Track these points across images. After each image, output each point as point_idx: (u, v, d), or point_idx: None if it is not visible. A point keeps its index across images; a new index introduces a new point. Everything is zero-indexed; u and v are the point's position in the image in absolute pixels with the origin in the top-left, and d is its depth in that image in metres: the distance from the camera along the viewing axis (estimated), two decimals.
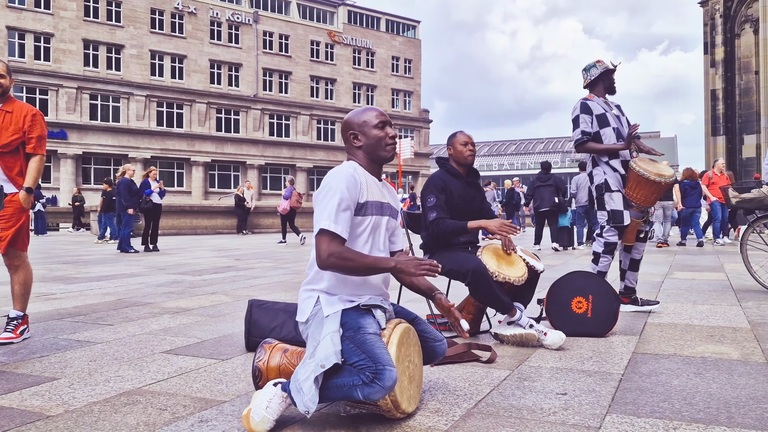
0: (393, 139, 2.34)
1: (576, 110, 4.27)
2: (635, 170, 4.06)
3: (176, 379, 2.69)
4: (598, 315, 3.55)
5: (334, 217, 2.14)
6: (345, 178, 2.19)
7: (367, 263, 2.14)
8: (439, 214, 3.45)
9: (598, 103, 4.27)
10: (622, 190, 4.19)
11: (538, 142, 74.14)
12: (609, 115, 4.24)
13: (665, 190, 4.21)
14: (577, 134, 4.22)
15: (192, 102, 38.67)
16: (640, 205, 4.18)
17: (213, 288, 6.02)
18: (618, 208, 4.17)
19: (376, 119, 2.33)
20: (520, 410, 2.23)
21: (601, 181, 4.24)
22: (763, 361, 2.91)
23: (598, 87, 4.35)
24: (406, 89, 48.90)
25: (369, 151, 2.33)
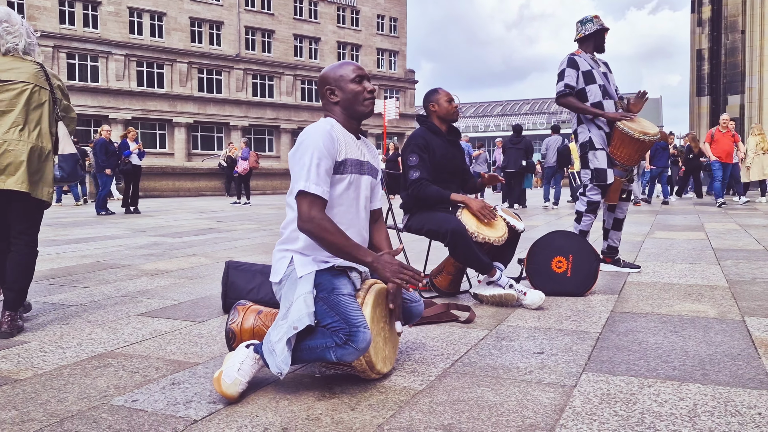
0: (371, 94, 2.26)
1: (563, 64, 4.20)
2: (620, 128, 4.01)
3: (150, 342, 2.65)
4: (577, 274, 3.54)
5: (314, 177, 2.07)
6: (321, 136, 2.11)
7: (344, 245, 2.06)
8: (422, 174, 3.39)
9: (586, 59, 4.20)
10: (606, 149, 4.15)
11: (524, 103, 73.80)
12: (596, 72, 4.18)
13: (649, 149, 4.18)
14: (560, 87, 4.16)
15: (173, 61, 37.81)
16: (623, 164, 4.15)
17: (193, 250, 5.96)
18: (602, 166, 4.14)
19: (353, 73, 2.24)
20: (497, 369, 2.22)
21: (585, 139, 4.20)
22: (739, 318, 2.93)
23: (588, 43, 4.27)
24: (391, 49, 48.15)
25: (346, 107, 2.25)
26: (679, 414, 1.77)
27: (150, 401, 1.93)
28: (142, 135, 35.31)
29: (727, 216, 9.30)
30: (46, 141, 2.90)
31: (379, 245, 2.40)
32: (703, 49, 25.48)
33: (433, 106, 3.54)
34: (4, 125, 2.76)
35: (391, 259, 2.10)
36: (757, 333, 2.66)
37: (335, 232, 2.05)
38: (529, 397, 1.93)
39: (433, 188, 3.38)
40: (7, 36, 2.87)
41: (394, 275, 2.07)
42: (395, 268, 2.08)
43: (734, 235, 6.64)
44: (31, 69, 2.89)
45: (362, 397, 1.94)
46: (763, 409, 1.80)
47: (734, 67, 23.33)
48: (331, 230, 2.04)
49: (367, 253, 2.10)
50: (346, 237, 2.08)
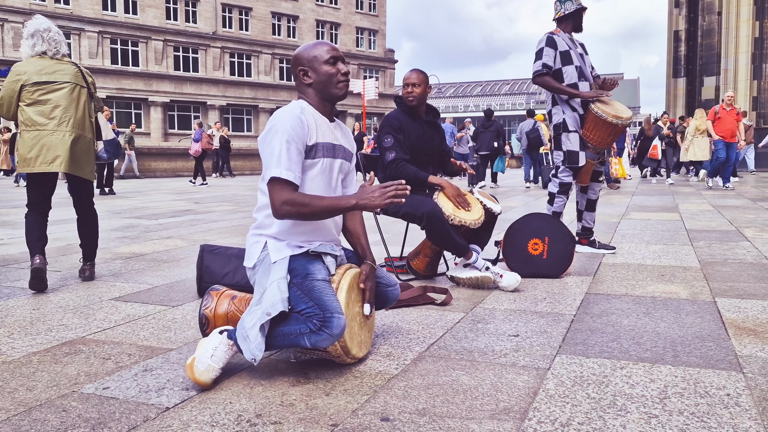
0: (345, 76, 2.21)
1: (541, 43, 4.18)
2: (593, 111, 4.02)
3: (123, 327, 2.62)
4: (553, 256, 3.57)
5: (285, 162, 2.03)
6: (289, 120, 2.07)
7: (324, 206, 2.04)
8: (398, 154, 3.37)
9: (564, 39, 4.18)
10: (580, 131, 4.16)
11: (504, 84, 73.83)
12: (573, 53, 4.17)
13: (622, 132, 4.20)
14: (538, 66, 4.14)
15: (148, 39, 37.04)
16: (596, 147, 4.17)
17: (169, 232, 5.89)
18: (574, 149, 4.15)
19: (327, 54, 2.19)
20: (472, 353, 2.23)
21: (559, 121, 4.20)
22: (710, 299, 2.98)
23: (567, 22, 4.26)
24: (370, 28, 47.69)
25: (320, 89, 2.20)
26: (650, 396, 1.79)
27: (121, 389, 1.90)
28: (117, 114, 34.66)
29: (700, 197, 9.43)
30: (89, 131, 3.52)
31: (355, 230, 2.36)
32: (680, 30, 25.65)
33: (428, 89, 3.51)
34: (55, 120, 3.35)
35: (370, 188, 2.05)
36: (727, 314, 2.70)
37: (310, 201, 2.02)
38: (504, 380, 1.94)
39: (411, 168, 3.36)
40: (53, 42, 3.43)
41: (382, 200, 2.01)
42: (379, 193, 2.02)
43: (707, 215, 6.74)
44: (71, 70, 3.47)
45: (337, 382, 1.94)
46: (731, 390, 1.83)
47: (710, 49, 23.55)
48: (306, 201, 2.02)
49: (349, 198, 2.07)
50: (321, 198, 2.06)
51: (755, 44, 19.85)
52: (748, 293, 3.10)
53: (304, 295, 1.95)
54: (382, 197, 2.01)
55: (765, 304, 2.88)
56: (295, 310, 1.95)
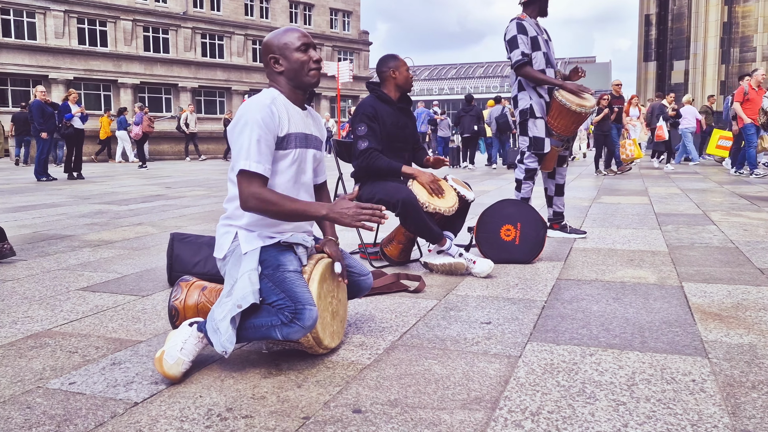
0: (317, 64, 2.17)
1: (512, 30, 4.16)
2: (557, 99, 4.04)
3: (91, 319, 2.57)
4: (525, 242, 3.59)
5: (255, 155, 1.99)
6: (260, 110, 2.02)
7: (293, 208, 2.00)
8: (371, 143, 3.34)
9: (531, 24, 4.18)
10: (545, 117, 4.18)
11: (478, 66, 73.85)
12: (540, 39, 4.17)
13: (585, 120, 4.23)
14: (518, 55, 4.11)
15: (116, 19, 36.10)
16: (560, 134, 4.20)
17: (139, 219, 5.79)
18: (539, 135, 4.18)
19: (299, 41, 2.15)
20: (444, 341, 2.23)
21: (525, 107, 4.21)
22: (678, 284, 3.03)
23: (533, 7, 4.24)
24: (345, 9, 47.17)
25: (291, 77, 2.16)
26: (618, 383, 1.82)
27: (88, 383, 1.87)
28: (86, 96, 33.87)
29: (670, 180, 9.59)
30: None
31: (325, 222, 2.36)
32: (651, 14, 25.86)
33: (393, 72, 3.46)
34: None
35: (346, 203, 2.02)
36: (693, 299, 2.76)
37: (279, 200, 1.99)
38: (475, 368, 1.96)
39: (384, 160, 3.34)
40: None
41: (354, 219, 1.99)
42: (353, 211, 1.99)
43: (676, 199, 6.86)
44: None
45: (309, 374, 1.93)
46: (696, 376, 1.87)
47: (680, 33, 23.81)
48: (275, 200, 1.98)
49: (320, 207, 2.03)
50: (292, 200, 2.02)
51: (723, 29, 20.13)
52: (714, 278, 3.16)
53: (275, 286, 1.93)
54: (354, 218, 1.99)
55: (730, 288, 2.94)
56: (267, 302, 1.93)
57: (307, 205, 2.03)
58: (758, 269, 3.33)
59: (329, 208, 2.03)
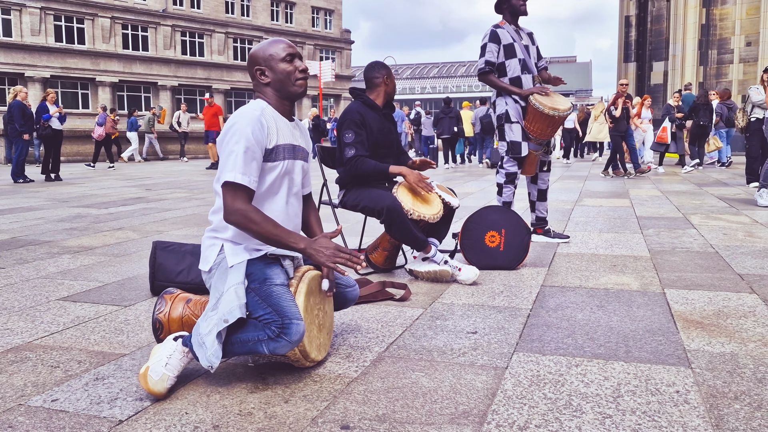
0: (303, 73, 2.17)
1: (485, 38, 4.20)
2: (532, 103, 4.08)
3: (72, 331, 2.53)
4: (510, 248, 3.61)
5: (241, 166, 1.97)
6: (249, 122, 2.01)
7: (273, 234, 1.98)
8: (358, 151, 3.33)
9: (509, 31, 4.20)
10: (522, 122, 4.21)
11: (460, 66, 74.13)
12: (517, 46, 4.18)
13: (561, 124, 4.26)
14: (481, 63, 4.19)
15: (94, 16, 35.62)
16: (537, 138, 4.23)
17: (120, 223, 5.72)
18: (517, 139, 4.21)
19: (284, 52, 2.14)
20: (431, 352, 2.24)
21: (502, 111, 4.25)
22: (660, 291, 3.07)
23: (504, 12, 4.27)
24: (326, 7, 47.03)
25: (278, 88, 2.15)
26: (604, 395, 1.84)
27: (71, 400, 1.84)
28: (63, 94, 33.40)
29: (650, 182, 9.71)
30: None
31: (313, 228, 2.36)
32: (630, 15, 26.15)
33: (386, 80, 3.47)
34: None
35: (326, 242, 2.05)
36: (675, 306, 2.79)
37: (262, 221, 1.98)
38: (463, 381, 1.96)
39: (371, 163, 3.33)
40: None
41: (329, 260, 2.02)
42: (330, 252, 2.02)
43: (656, 202, 6.94)
44: None
45: (296, 388, 1.92)
46: (680, 387, 1.89)
47: (659, 34, 24.10)
48: (258, 220, 1.97)
49: (299, 239, 2.04)
50: (275, 224, 2.01)
51: (702, 31, 20.41)
52: (695, 284, 3.21)
53: (261, 300, 1.92)
54: (330, 259, 2.00)
55: (711, 295, 2.98)
56: (253, 316, 1.91)
57: (287, 234, 2.01)
58: (738, 275, 3.38)
59: (308, 242, 2.03)
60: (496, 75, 4.18)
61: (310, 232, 2.33)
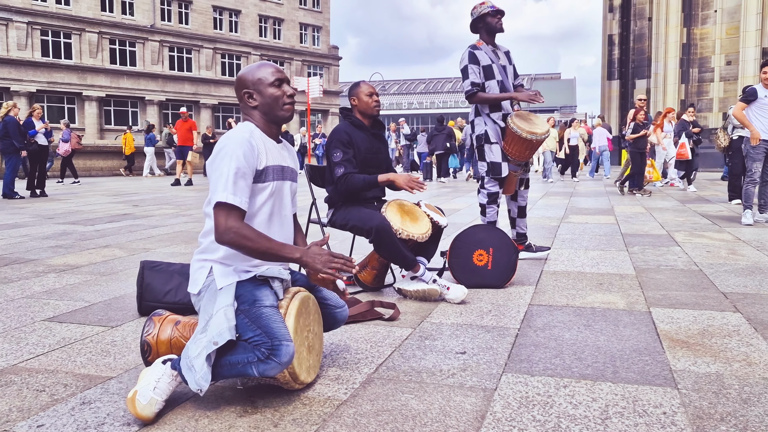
0: (291, 98, 2.19)
1: (464, 60, 4.23)
2: (510, 126, 4.13)
3: (58, 353, 2.50)
4: (497, 267, 3.63)
5: (232, 187, 1.98)
6: (240, 144, 2.03)
7: (268, 248, 1.99)
8: (347, 169, 3.35)
9: (486, 52, 4.24)
10: (501, 143, 4.25)
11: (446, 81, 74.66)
12: (495, 67, 4.23)
13: (538, 147, 4.31)
14: (467, 86, 4.21)
15: (81, 31, 35.53)
16: (515, 160, 4.27)
17: (106, 240, 5.67)
18: (496, 160, 4.25)
19: (272, 76, 2.16)
20: (420, 373, 2.24)
21: (481, 132, 4.30)
22: (646, 310, 3.10)
23: (480, 31, 4.32)
24: (314, 24, 47.31)
25: (265, 111, 2.17)
26: (592, 417, 1.85)
27: (57, 425, 1.82)
28: (49, 109, 33.14)
29: (634, 198, 9.81)
30: None
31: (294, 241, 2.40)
32: (613, 34, 26.56)
33: (353, 100, 3.51)
34: None
35: (319, 250, 2.05)
36: (661, 325, 2.82)
37: (255, 237, 1.98)
38: (452, 403, 1.96)
39: (359, 177, 3.36)
40: None
41: (325, 266, 2.03)
42: (325, 258, 2.03)
43: (641, 219, 7.01)
44: None
45: (285, 411, 1.91)
46: (667, 408, 1.91)
47: (642, 53, 24.48)
48: (251, 236, 1.98)
49: (294, 250, 2.04)
50: (268, 239, 2.01)
51: (683, 50, 20.76)
52: (680, 302, 3.24)
53: (251, 322, 1.92)
54: (325, 265, 2.02)
55: (695, 314, 3.02)
56: (243, 338, 1.91)
57: (281, 246, 2.03)
58: (722, 293, 3.43)
59: (303, 251, 2.04)
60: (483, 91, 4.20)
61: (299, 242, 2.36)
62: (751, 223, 6.32)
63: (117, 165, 19.76)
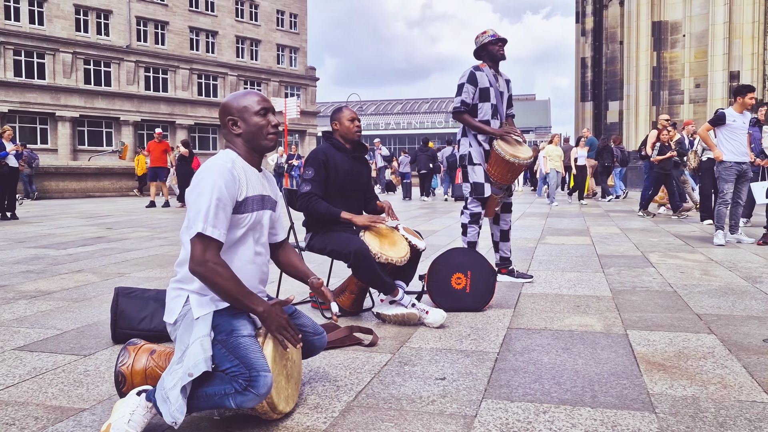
0: (275, 128, 2.19)
1: (463, 78, 4.33)
2: (495, 149, 4.19)
3: (29, 384, 2.44)
4: (476, 290, 3.64)
5: (212, 219, 1.96)
6: (222, 175, 2.01)
7: (237, 292, 1.95)
8: (313, 188, 3.36)
9: (487, 75, 4.33)
10: (484, 165, 4.31)
11: (423, 102, 75.38)
12: (493, 91, 4.31)
13: (520, 171, 4.38)
14: (457, 102, 4.33)
15: (55, 51, 35.22)
16: (498, 182, 4.33)
17: (79, 265, 5.57)
18: (479, 180, 4.31)
19: (258, 105, 2.15)
20: (400, 400, 2.23)
21: (465, 152, 4.37)
22: (623, 332, 3.13)
23: (483, 58, 4.42)
24: (292, 45, 47.54)
25: (249, 140, 2.16)
26: None
27: None
28: (21, 130, 32.67)
29: (609, 219, 9.95)
30: None
31: (290, 260, 2.41)
32: (586, 57, 27.15)
33: (335, 124, 3.53)
34: None
35: (279, 311, 2.01)
36: (638, 348, 2.85)
37: (229, 278, 1.95)
38: (432, 431, 1.95)
39: (323, 205, 3.36)
40: None
41: (277, 330, 2.00)
42: (276, 324, 1.99)
43: (616, 239, 7.11)
44: None
45: None
46: None
47: (614, 75, 25.02)
48: (225, 275, 1.95)
49: (258, 302, 2.00)
50: (240, 284, 1.98)
51: (653, 72, 21.25)
52: (656, 324, 3.28)
53: (228, 353, 1.89)
54: (278, 330, 1.99)
55: (671, 336, 3.06)
56: (220, 369, 1.88)
57: (249, 294, 1.98)
58: (696, 315, 3.48)
59: (266, 308, 1.99)
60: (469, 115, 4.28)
61: (300, 273, 2.35)
62: (723, 243, 6.45)
63: (91, 186, 19.47)
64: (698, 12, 20.11)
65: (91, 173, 19.78)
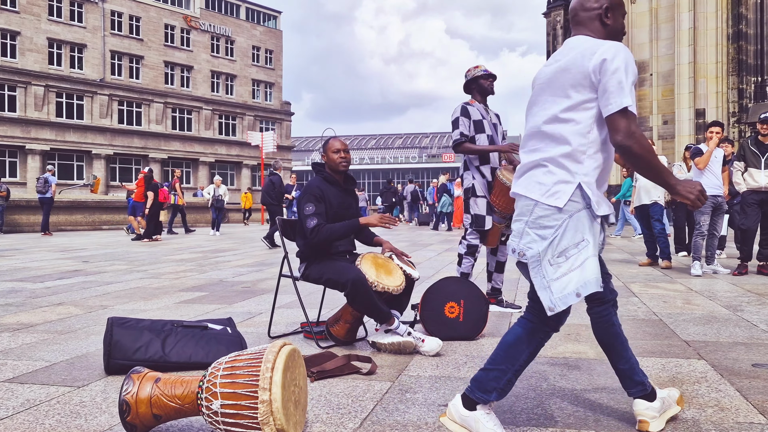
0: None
1: (456, 113, 4.44)
2: (499, 178, 4.27)
3: (24, 415, 2.37)
4: (469, 319, 3.67)
5: (629, 95, 1.94)
6: (629, 54, 1.99)
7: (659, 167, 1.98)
8: (319, 221, 3.39)
9: (478, 109, 4.46)
10: (487, 197, 4.39)
11: (397, 138, 76.17)
12: (486, 123, 4.43)
13: None
14: (456, 135, 4.41)
15: (27, 84, 34.90)
16: (502, 212, 4.40)
17: (59, 297, 5.45)
18: (480, 212, 4.38)
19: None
20: (406, 427, 2.22)
21: (468, 185, 4.44)
22: None
23: (473, 92, 4.54)
24: (267, 80, 47.89)
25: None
26: None
27: None
28: None
29: None
30: None
31: None
32: None
33: (323, 156, 3.59)
34: None
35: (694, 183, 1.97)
36: None
37: (654, 152, 1.98)
38: None
39: (337, 225, 3.42)
40: None
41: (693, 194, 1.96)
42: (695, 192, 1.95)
43: None
44: None
45: None
46: None
47: None
48: (653, 151, 1.97)
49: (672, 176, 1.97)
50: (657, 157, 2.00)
51: None
52: (647, 350, 3.34)
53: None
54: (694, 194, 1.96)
55: (663, 362, 3.11)
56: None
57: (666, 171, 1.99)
58: (684, 341, 3.55)
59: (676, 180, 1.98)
60: None
61: None
62: (700, 274, 6.61)
63: (63, 220, 19.09)
64: (664, 52, 20.92)
65: (63, 206, 19.42)
